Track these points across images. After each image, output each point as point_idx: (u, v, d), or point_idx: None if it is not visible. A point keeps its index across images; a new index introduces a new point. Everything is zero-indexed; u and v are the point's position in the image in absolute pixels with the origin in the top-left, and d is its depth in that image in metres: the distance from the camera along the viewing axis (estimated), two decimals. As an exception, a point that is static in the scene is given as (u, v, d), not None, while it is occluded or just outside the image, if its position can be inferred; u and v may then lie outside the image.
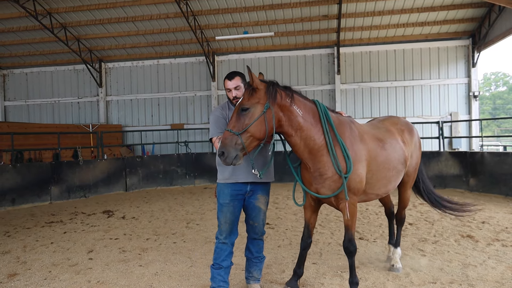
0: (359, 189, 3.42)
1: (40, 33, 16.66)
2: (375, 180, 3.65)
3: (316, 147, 3.27)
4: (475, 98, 15.79)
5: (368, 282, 4.02)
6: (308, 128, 3.22)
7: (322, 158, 3.29)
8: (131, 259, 4.99)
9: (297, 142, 3.24)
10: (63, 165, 10.49)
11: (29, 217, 8.05)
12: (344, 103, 16.79)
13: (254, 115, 3.01)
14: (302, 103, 3.29)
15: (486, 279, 3.98)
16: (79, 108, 19.13)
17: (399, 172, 3.97)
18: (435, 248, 5.15)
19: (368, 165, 3.51)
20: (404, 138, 4.16)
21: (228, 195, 3.44)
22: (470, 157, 10.23)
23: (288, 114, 3.16)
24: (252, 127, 2.99)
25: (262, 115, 3.02)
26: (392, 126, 4.21)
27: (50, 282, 4.21)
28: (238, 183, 3.45)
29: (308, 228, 3.75)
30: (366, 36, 16.34)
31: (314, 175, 3.37)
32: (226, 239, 3.47)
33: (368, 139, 3.61)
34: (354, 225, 3.51)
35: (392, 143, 3.90)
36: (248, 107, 3.03)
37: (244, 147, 2.99)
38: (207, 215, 7.88)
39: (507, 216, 7.00)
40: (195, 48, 17.52)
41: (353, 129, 3.55)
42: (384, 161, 3.70)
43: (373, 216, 7.35)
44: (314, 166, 3.34)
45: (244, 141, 2.98)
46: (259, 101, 3.05)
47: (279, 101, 3.12)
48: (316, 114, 3.33)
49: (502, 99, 54.35)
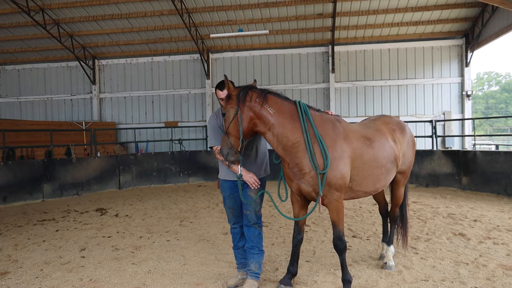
0: (341, 186, 3.48)
1: (32, 29, 16.49)
2: (361, 178, 3.70)
3: (289, 143, 3.44)
4: (468, 97, 15.92)
5: (361, 279, 4.03)
6: (279, 126, 3.43)
7: (298, 154, 3.45)
8: (124, 257, 4.97)
9: (271, 139, 3.48)
10: (56, 162, 10.41)
11: (21, 215, 7.98)
12: (339, 102, 16.83)
13: (229, 118, 3.44)
14: (277, 103, 3.50)
15: (477, 277, 4.01)
16: (72, 105, 18.98)
17: (389, 171, 3.99)
18: (427, 246, 5.18)
19: (352, 163, 3.56)
20: (396, 137, 4.19)
21: (228, 188, 3.90)
22: (463, 156, 10.31)
23: (258, 114, 3.44)
24: (229, 128, 3.43)
25: (234, 117, 3.40)
26: (383, 125, 4.24)
27: (42, 281, 4.17)
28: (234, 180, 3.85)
29: (298, 225, 3.81)
30: (361, 34, 16.39)
31: (294, 171, 3.53)
32: (235, 224, 3.98)
33: (353, 137, 3.67)
34: (341, 221, 3.55)
35: (381, 142, 3.93)
36: (224, 113, 3.51)
37: (232, 146, 3.41)
38: (201, 213, 7.86)
39: (499, 215, 7.07)
40: (190, 45, 17.45)
41: (337, 127, 3.62)
42: (371, 159, 3.74)
43: (367, 214, 7.38)
44: (292, 162, 3.50)
45: (230, 140, 3.43)
46: (232, 106, 3.46)
47: (248, 103, 3.43)
48: (294, 113, 3.51)
49: (494, 98, 54.87)
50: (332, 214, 3.55)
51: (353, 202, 8.60)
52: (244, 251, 3.97)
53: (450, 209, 7.67)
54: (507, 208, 7.65)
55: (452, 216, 7.03)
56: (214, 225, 6.73)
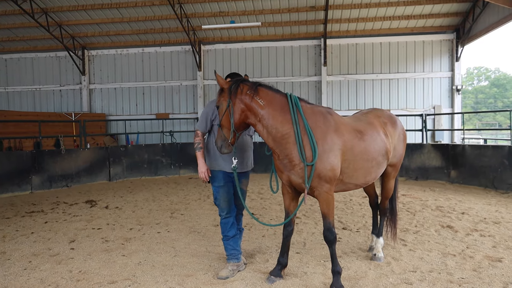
0: (331, 178, 3.50)
1: (20, 17, 16.12)
2: (352, 170, 3.73)
3: (279, 135, 3.48)
4: (458, 92, 16.07)
5: (350, 270, 4.08)
6: (269, 118, 3.48)
7: (288, 146, 3.48)
8: (114, 249, 4.94)
9: (261, 130, 3.54)
10: (45, 154, 10.27)
11: (9, 207, 7.88)
12: (330, 95, 16.85)
13: (222, 111, 3.51)
14: (268, 95, 3.53)
15: (464, 268, 4.09)
16: (61, 96, 18.70)
17: (380, 164, 4.02)
18: (416, 238, 5.25)
19: (343, 155, 3.59)
20: (387, 131, 4.22)
21: (221, 179, 4.04)
22: (452, 150, 10.43)
23: (249, 106, 3.49)
24: (222, 121, 3.50)
25: (227, 109, 3.46)
26: (374, 118, 4.26)
27: (31, 272, 4.14)
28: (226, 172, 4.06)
29: (288, 216, 3.81)
30: (353, 28, 16.38)
31: (284, 162, 3.57)
32: (228, 213, 4.08)
33: (344, 130, 3.69)
34: (331, 213, 3.57)
35: (372, 135, 3.96)
36: (218, 105, 3.57)
37: (225, 138, 3.48)
38: (192, 205, 7.85)
39: (486, 207, 7.19)
40: (181, 36, 17.26)
41: (328, 119, 3.64)
42: (362, 152, 3.77)
43: (357, 207, 7.44)
44: (282, 153, 3.53)
45: (224, 132, 3.49)
46: (225, 99, 3.51)
47: (239, 96, 3.48)
48: (284, 105, 3.54)
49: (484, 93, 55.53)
50: (322, 206, 3.58)
51: (343, 195, 8.66)
52: (233, 241, 4.09)
53: (439, 202, 7.77)
54: (494, 201, 7.78)
55: (441, 208, 7.13)
56: (205, 217, 6.73)
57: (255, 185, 10.38)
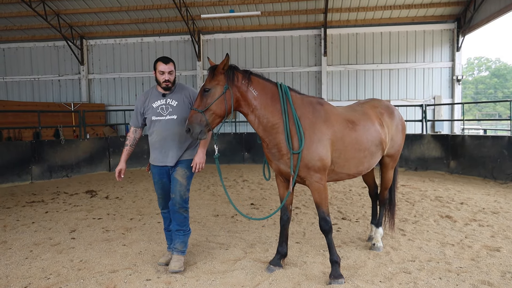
0: (319, 168, 3.52)
1: (17, 6, 15.95)
2: (343, 160, 3.74)
3: (269, 125, 3.49)
4: (458, 82, 16.01)
5: (350, 260, 4.11)
6: (261, 108, 3.48)
7: (277, 136, 3.50)
8: (115, 239, 4.97)
9: (252, 119, 3.53)
10: (44, 144, 10.27)
11: (9, 197, 7.90)
12: (330, 85, 16.79)
13: (215, 95, 3.37)
14: (260, 85, 3.54)
15: (462, 257, 4.12)
16: (60, 86, 18.61)
17: (373, 154, 4.03)
18: (415, 228, 5.28)
19: (333, 145, 3.60)
20: (383, 121, 4.22)
21: (156, 174, 3.91)
22: (451, 140, 10.43)
23: (244, 95, 3.46)
24: (213, 105, 3.36)
25: (222, 95, 3.37)
26: (370, 109, 4.26)
27: (32, 261, 4.16)
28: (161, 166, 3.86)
29: (284, 205, 3.82)
30: (353, 17, 16.25)
31: (272, 152, 3.59)
32: (164, 209, 4.00)
33: (334, 120, 3.69)
34: (325, 202, 3.59)
35: (365, 125, 3.96)
36: (209, 88, 3.39)
37: (208, 123, 3.35)
38: (192, 195, 7.87)
39: (485, 198, 7.22)
40: (180, 26, 17.12)
41: (318, 110, 3.65)
42: (353, 142, 3.77)
43: (356, 197, 7.47)
44: (271, 143, 3.55)
45: (208, 118, 3.35)
46: (218, 83, 3.40)
47: (236, 83, 3.43)
48: (275, 95, 3.55)
49: (484, 83, 55.36)
50: (314, 195, 3.61)
51: (343, 185, 8.69)
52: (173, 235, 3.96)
53: (438, 192, 7.80)
54: (493, 191, 7.81)
55: (440, 199, 7.16)
56: (205, 207, 6.76)
57: (255, 175, 10.41)
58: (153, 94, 3.88)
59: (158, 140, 3.80)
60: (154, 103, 3.83)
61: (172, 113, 3.80)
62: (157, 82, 3.83)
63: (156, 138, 3.81)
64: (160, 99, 3.84)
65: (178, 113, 3.80)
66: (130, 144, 4.00)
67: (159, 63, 3.76)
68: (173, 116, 3.79)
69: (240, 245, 4.63)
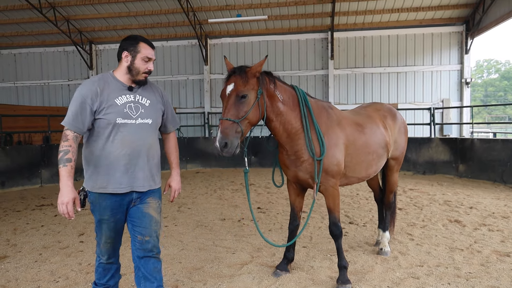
0: (337, 172, 3.50)
1: (28, 12, 16.23)
2: (355, 164, 3.73)
3: (293, 131, 3.37)
4: (467, 85, 15.86)
5: (357, 265, 4.08)
6: (287, 113, 3.32)
7: (299, 142, 3.39)
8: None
9: (277, 126, 3.32)
10: (54, 148, 10.40)
11: (19, 200, 8.00)
12: (337, 89, 16.75)
13: (251, 102, 3.03)
14: (283, 89, 3.38)
15: (471, 263, 4.07)
16: (70, 91, 18.83)
17: (380, 157, 4.03)
18: (423, 232, 5.24)
19: (346, 149, 3.59)
20: (386, 124, 4.23)
21: (107, 208, 2.61)
22: (460, 144, 10.33)
23: (271, 100, 3.24)
24: (250, 113, 3.02)
25: (256, 101, 3.07)
26: (374, 112, 4.28)
27: (41, 264, 4.21)
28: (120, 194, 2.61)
29: (294, 211, 3.83)
30: (361, 21, 16.22)
31: (291, 158, 3.48)
32: (110, 259, 2.76)
33: (346, 124, 3.69)
34: (337, 208, 3.57)
35: (372, 128, 3.97)
36: (246, 94, 3.00)
37: (243, 134, 3.01)
38: (199, 199, 7.90)
39: (494, 202, 7.13)
40: (188, 30, 17.24)
41: (331, 114, 3.63)
42: (363, 145, 3.77)
43: (364, 201, 7.43)
44: (292, 149, 3.43)
45: (243, 128, 3.00)
46: (253, 88, 3.06)
47: (267, 87, 3.19)
48: (295, 99, 3.43)
49: (493, 86, 54.79)
50: (328, 200, 3.58)
51: (350, 190, 8.65)
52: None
53: (447, 196, 7.72)
54: (503, 196, 7.71)
55: (448, 203, 7.09)
56: (211, 211, 6.78)
57: (262, 179, 10.41)
58: (113, 85, 2.63)
59: (124, 153, 2.57)
60: (117, 98, 2.59)
61: (144, 116, 2.65)
62: (132, 69, 2.64)
63: (121, 150, 2.57)
64: (126, 93, 2.63)
65: (153, 117, 2.71)
66: (75, 159, 2.65)
67: (144, 45, 2.64)
68: (147, 120, 2.67)
69: (247, 249, 4.63)
